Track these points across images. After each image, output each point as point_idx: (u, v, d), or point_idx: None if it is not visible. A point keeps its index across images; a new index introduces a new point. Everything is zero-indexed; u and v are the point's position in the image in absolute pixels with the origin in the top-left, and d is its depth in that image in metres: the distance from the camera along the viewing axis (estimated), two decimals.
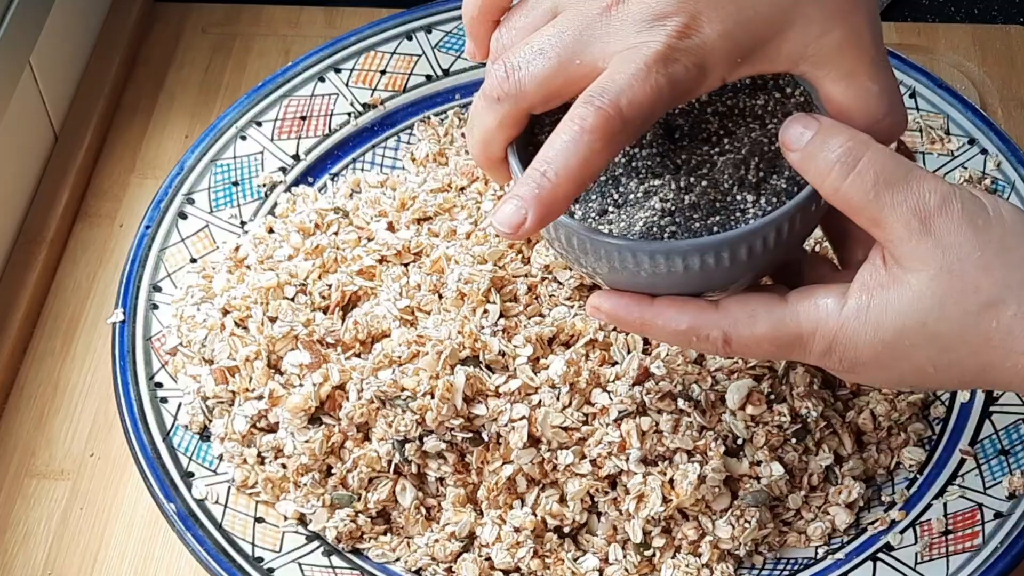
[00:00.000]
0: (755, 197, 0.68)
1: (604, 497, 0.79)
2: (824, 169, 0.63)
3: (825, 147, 0.63)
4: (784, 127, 0.65)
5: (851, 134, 0.64)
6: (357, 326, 0.83)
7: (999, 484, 0.80)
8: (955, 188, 0.63)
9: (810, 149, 0.64)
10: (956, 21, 1.11)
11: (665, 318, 0.68)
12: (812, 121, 0.64)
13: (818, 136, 0.64)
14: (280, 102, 0.97)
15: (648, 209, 0.68)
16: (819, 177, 0.64)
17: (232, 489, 0.81)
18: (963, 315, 0.62)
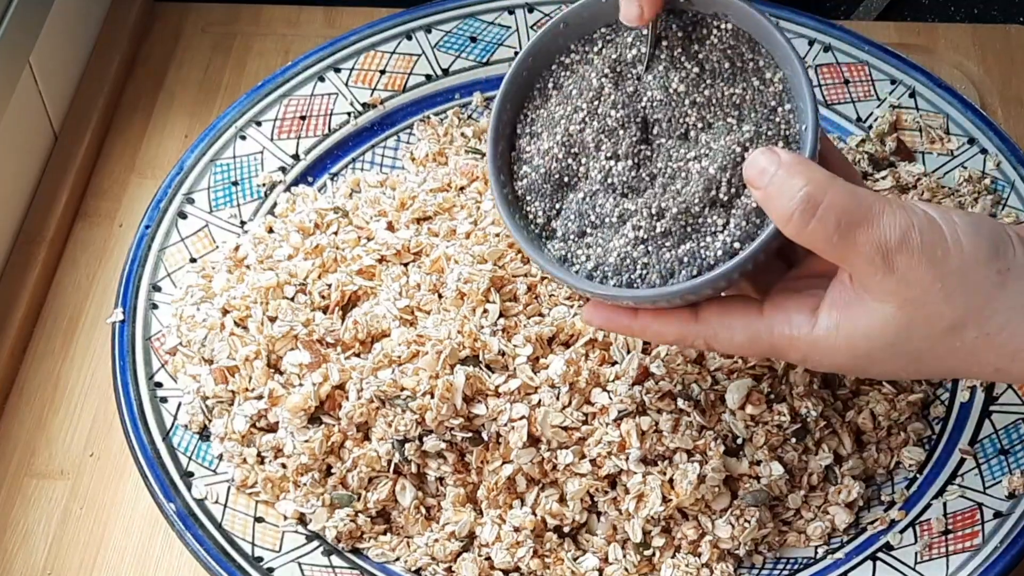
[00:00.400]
0: (725, 220, 0.69)
1: (604, 497, 0.79)
2: (785, 213, 0.65)
3: (786, 190, 0.65)
4: (748, 162, 0.66)
5: (810, 176, 0.65)
6: (357, 326, 0.83)
7: (999, 484, 0.80)
8: (913, 218, 0.64)
9: (771, 191, 0.65)
10: (956, 21, 1.11)
11: (651, 331, 0.72)
12: (774, 157, 0.66)
13: (778, 176, 0.65)
14: (280, 102, 0.97)
15: (622, 237, 0.71)
16: (782, 220, 0.65)
17: (232, 489, 0.81)
18: (929, 337, 0.65)
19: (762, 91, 0.72)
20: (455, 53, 1.00)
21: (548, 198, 0.74)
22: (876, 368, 0.68)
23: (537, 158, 0.74)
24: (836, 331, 0.67)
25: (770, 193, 0.65)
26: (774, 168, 0.65)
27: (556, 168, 0.74)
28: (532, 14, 1.01)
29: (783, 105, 0.71)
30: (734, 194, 0.69)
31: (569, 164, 0.73)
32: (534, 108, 0.76)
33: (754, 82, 0.72)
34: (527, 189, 0.74)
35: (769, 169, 0.65)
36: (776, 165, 0.65)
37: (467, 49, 1.00)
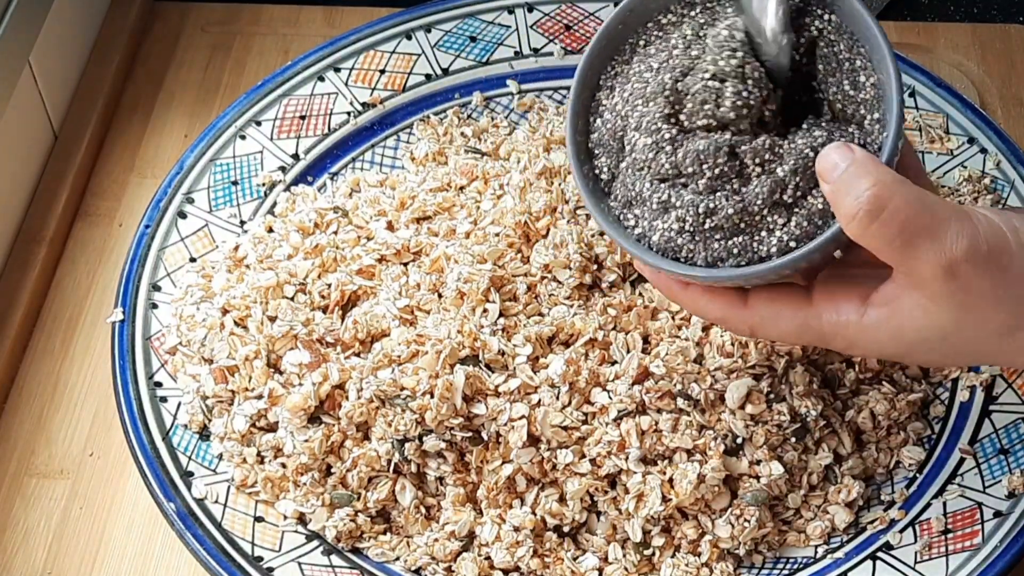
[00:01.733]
0: (786, 219, 0.69)
1: (604, 496, 0.79)
2: (851, 211, 0.64)
3: (854, 187, 0.64)
4: (822, 155, 0.66)
5: (879, 176, 0.64)
6: (357, 325, 0.83)
7: (998, 483, 0.80)
8: (979, 227, 0.64)
9: (840, 186, 0.65)
10: (956, 20, 1.11)
11: (697, 306, 0.72)
12: (848, 153, 0.65)
13: (848, 173, 0.65)
14: (279, 101, 0.97)
15: (666, 223, 0.70)
16: (845, 218, 0.65)
17: (232, 488, 0.81)
18: (978, 338, 0.66)
19: (852, 96, 0.70)
20: (455, 53, 1.00)
21: (614, 155, 0.73)
22: (920, 357, 0.69)
23: (608, 113, 0.73)
24: (885, 323, 0.67)
25: (838, 189, 0.65)
26: (845, 164, 0.65)
27: (620, 127, 0.73)
28: (532, 14, 1.01)
29: (871, 114, 0.70)
30: (800, 196, 0.68)
31: (625, 128, 0.73)
32: (620, 62, 0.75)
33: (845, 86, 0.70)
34: (596, 142, 0.74)
35: (840, 165, 0.65)
36: (848, 161, 0.65)
37: (467, 49, 1.00)
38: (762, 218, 0.69)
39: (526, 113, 0.99)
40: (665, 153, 0.70)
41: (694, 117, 0.70)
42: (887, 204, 0.63)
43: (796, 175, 0.68)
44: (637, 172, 0.71)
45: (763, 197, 0.68)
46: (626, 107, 0.72)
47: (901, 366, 0.85)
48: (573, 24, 1.01)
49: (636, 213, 0.71)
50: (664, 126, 0.70)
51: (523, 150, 0.92)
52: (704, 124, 0.70)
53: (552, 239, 0.84)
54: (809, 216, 0.68)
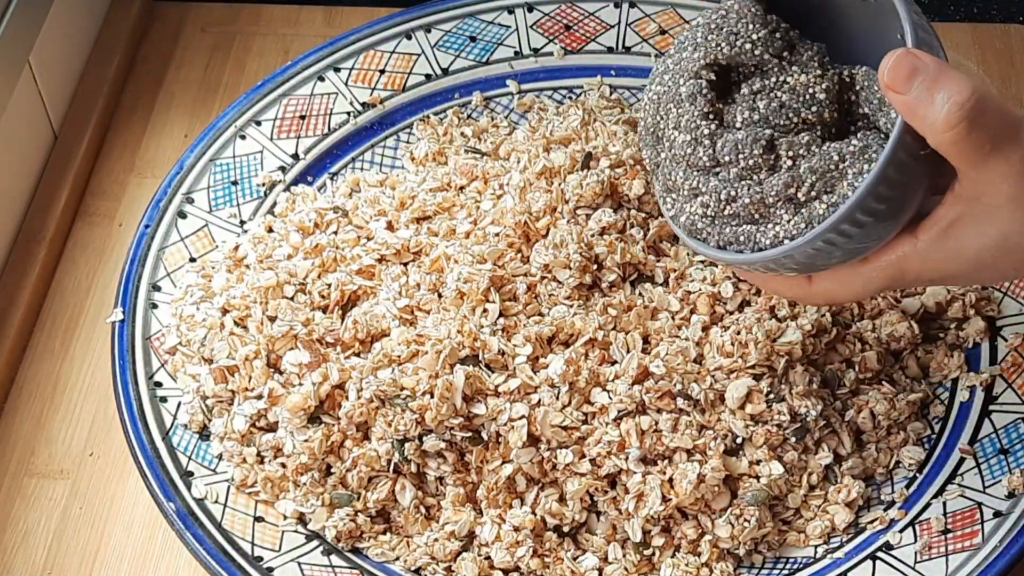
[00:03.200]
0: (791, 216, 0.69)
1: (603, 496, 0.79)
2: (950, 118, 0.62)
3: (939, 94, 0.62)
4: (891, 63, 0.64)
5: (970, 81, 0.62)
6: (356, 325, 0.83)
7: (998, 483, 0.80)
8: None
9: (923, 94, 0.63)
10: (955, 20, 1.11)
11: (769, 286, 0.75)
12: (920, 62, 0.63)
13: (931, 80, 0.63)
14: (279, 101, 0.97)
15: (693, 206, 0.72)
16: (943, 125, 0.62)
17: (231, 488, 0.81)
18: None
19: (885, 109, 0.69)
20: (455, 53, 1.00)
21: (651, 148, 0.75)
22: (985, 274, 0.67)
23: (646, 101, 0.75)
24: (942, 245, 0.66)
25: (921, 98, 0.63)
26: (923, 73, 0.63)
27: (651, 121, 0.75)
28: (532, 13, 1.01)
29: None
30: (813, 197, 0.68)
31: (657, 122, 0.74)
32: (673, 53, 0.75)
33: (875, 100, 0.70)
34: (640, 134, 0.77)
35: (920, 72, 0.63)
36: (924, 69, 0.63)
37: (467, 49, 1.00)
38: (774, 211, 0.69)
39: (526, 113, 0.99)
40: (703, 147, 0.71)
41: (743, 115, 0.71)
42: (986, 109, 0.62)
43: (814, 174, 0.68)
44: (675, 164, 0.73)
45: (778, 189, 0.69)
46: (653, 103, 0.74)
47: (901, 366, 0.85)
48: (573, 24, 1.01)
49: (672, 198, 0.74)
50: (703, 123, 0.72)
51: (523, 150, 0.92)
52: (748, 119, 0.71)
53: (552, 239, 0.84)
54: (809, 218, 0.68)
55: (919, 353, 0.86)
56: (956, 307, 0.86)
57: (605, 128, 0.93)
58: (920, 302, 0.87)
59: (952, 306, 0.86)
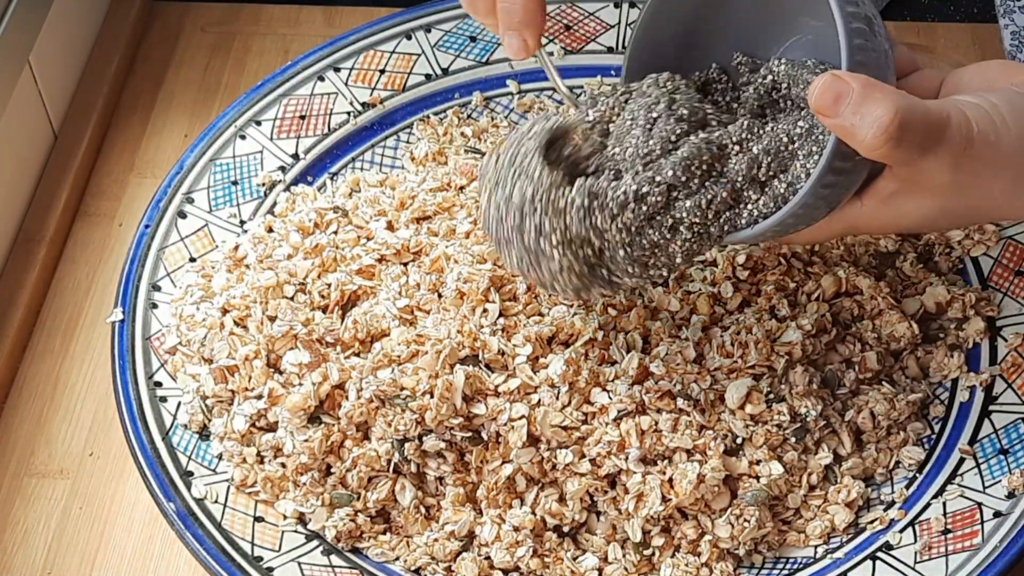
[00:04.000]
0: (759, 195, 0.73)
1: (603, 496, 0.79)
2: (874, 141, 0.66)
3: (868, 116, 0.66)
4: (818, 90, 0.67)
5: (895, 101, 0.66)
6: (356, 325, 0.83)
7: (998, 483, 0.80)
8: (969, 114, 0.68)
9: (849, 119, 0.66)
10: (956, 20, 1.11)
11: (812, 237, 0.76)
12: (845, 85, 0.66)
13: (856, 103, 0.66)
14: (279, 101, 0.97)
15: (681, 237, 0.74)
16: (868, 147, 0.66)
17: (231, 488, 0.81)
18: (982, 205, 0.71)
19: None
20: (455, 53, 1.00)
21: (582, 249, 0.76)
22: (926, 228, 0.74)
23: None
24: (884, 211, 0.71)
25: (848, 121, 0.66)
26: (848, 95, 0.66)
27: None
28: None
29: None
30: (770, 176, 0.72)
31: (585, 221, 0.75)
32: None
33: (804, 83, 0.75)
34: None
35: (845, 96, 0.66)
36: (850, 92, 0.66)
37: (467, 49, 1.00)
38: (744, 193, 0.73)
39: (526, 113, 0.99)
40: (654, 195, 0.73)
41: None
42: (909, 126, 0.66)
43: (768, 155, 0.72)
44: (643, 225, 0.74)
45: (743, 172, 0.73)
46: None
47: (901, 366, 0.85)
48: (573, 24, 1.01)
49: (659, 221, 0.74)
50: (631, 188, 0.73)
51: None
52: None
53: None
54: (773, 197, 0.72)
55: (919, 353, 0.86)
56: (956, 307, 0.86)
57: None
58: (920, 302, 0.87)
59: (952, 306, 0.87)
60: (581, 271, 0.74)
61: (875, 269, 0.88)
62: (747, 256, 0.85)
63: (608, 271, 0.74)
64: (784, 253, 0.86)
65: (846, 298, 0.86)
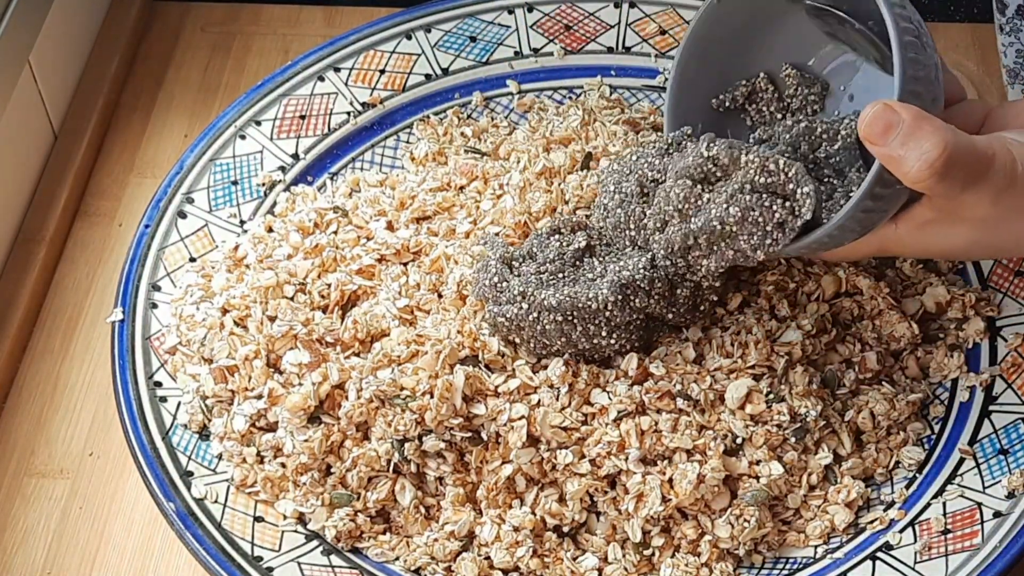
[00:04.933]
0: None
1: (603, 497, 0.79)
2: (920, 174, 0.68)
3: (915, 149, 0.68)
4: (868, 122, 0.69)
5: (943, 137, 0.68)
6: (356, 325, 0.83)
7: (998, 483, 0.80)
8: (1014, 152, 0.70)
9: (897, 150, 0.68)
10: (956, 20, 1.11)
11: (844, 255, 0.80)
12: (896, 116, 0.68)
13: (906, 135, 0.68)
14: (279, 101, 0.97)
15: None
16: (912, 179, 0.69)
17: (231, 488, 0.81)
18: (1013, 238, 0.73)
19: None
20: (455, 53, 1.00)
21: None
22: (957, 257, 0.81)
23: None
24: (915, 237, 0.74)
25: (896, 153, 0.68)
26: (897, 125, 0.68)
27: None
28: (532, 14, 1.01)
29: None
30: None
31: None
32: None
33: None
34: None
35: (895, 128, 0.68)
36: (899, 123, 0.68)
37: (467, 49, 1.00)
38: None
39: (526, 113, 0.99)
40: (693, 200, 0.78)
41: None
42: (956, 162, 0.68)
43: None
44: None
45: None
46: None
47: (901, 366, 0.85)
48: (573, 24, 1.01)
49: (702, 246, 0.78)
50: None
51: (523, 150, 0.92)
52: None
53: None
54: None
55: (919, 353, 0.86)
56: (956, 307, 0.86)
57: (605, 128, 0.93)
58: (920, 302, 0.87)
59: (952, 306, 0.86)
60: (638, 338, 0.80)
61: (875, 269, 0.88)
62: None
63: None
64: None
65: (846, 298, 0.86)
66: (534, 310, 0.79)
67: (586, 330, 0.79)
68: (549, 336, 0.79)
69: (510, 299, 0.80)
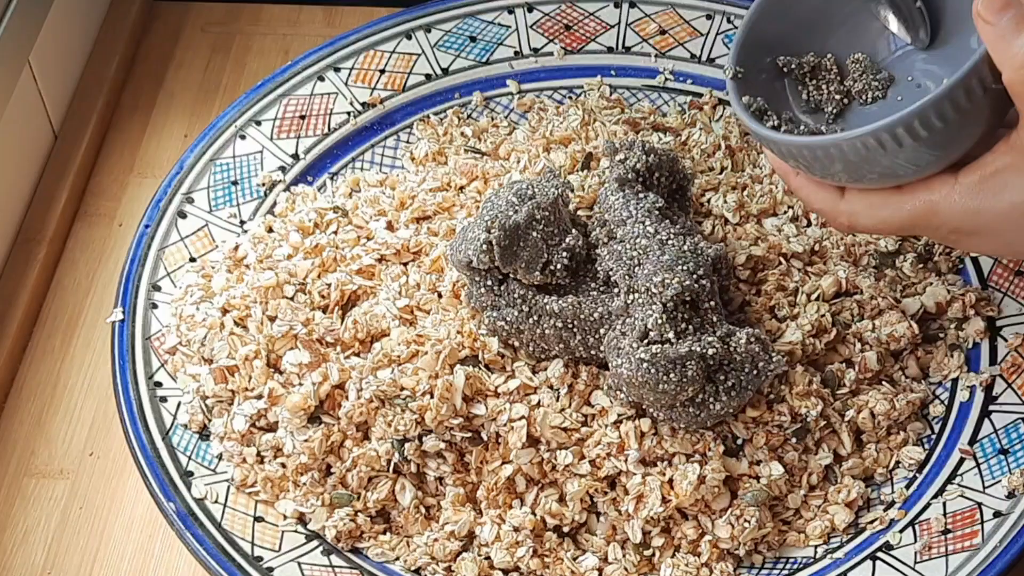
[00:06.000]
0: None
1: (603, 497, 0.79)
2: (1018, 58, 0.64)
3: (1022, 36, 0.64)
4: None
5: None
6: (356, 325, 0.83)
7: (998, 483, 0.80)
8: None
9: (1008, 30, 0.64)
10: None
11: (803, 192, 0.76)
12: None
13: (1017, 18, 0.64)
14: (279, 101, 0.97)
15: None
16: (1013, 61, 0.64)
17: (231, 488, 0.81)
18: None
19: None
20: (455, 53, 1.00)
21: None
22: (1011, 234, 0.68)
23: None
24: (978, 188, 0.67)
25: (1004, 33, 0.64)
26: (1018, 8, 0.64)
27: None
28: (532, 13, 1.01)
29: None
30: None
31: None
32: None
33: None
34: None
35: (1013, 7, 0.64)
36: (1020, 6, 0.64)
37: (467, 49, 1.00)
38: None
39: (526, 113, 0.99)
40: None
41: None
42: None
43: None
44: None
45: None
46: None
47: (901, 366, 0.85)
48: (573, 24, 1.01)
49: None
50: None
51: (523, 150, 0.92)
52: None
53: None
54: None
55: (919, 353, 0.86)
56: (956, 307, 0.86)
57: (605, 128, 0.93)
58: (920, 302, 0.87)
59: (952, 306, 0.86)
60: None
61: (875, 269, 0.88)
62: (747, 256, 0.85)
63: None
64: (784, 253, 0.86)
65: (846, 298, 0.86)
66: (535, 313, 0.79)
67: (585, 340, 0.79)
68: (548, 341, 0.79)
69: (510, 302, 0.80)
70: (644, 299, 0.78)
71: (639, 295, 0.78)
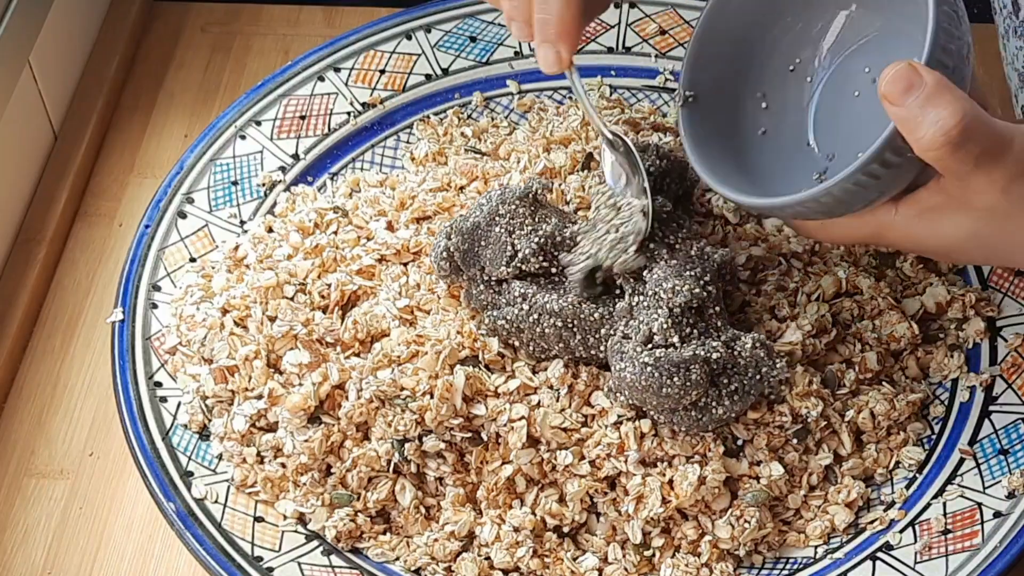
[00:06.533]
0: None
1: (603, 497, 0.79)
2: (933, 141, 0.65)
3: (930, 115, 0.65)
4: (889, 79, 0.66)
5: (963, 107, 0.65)
6: (356, 325, 0.83)
7: (998, 483, 0.80)
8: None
9: (915, 113, 0.65)
10: None
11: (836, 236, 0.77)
12: (919, 78, 0.65)
13: (925, 99, 0.65)
14: (279, 101, 0.97)
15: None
16: (925, 145, 0.65)
17: (231, 488, 0.81)
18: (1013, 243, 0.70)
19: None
20: (455, 53, 1.00)
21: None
22: (955, 255, 0.75)
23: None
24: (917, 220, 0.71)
25: (912, 115, 0.65)
26: (919, 88, 0.65)
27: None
28: None
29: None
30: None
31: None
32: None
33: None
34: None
35: (916, 89, 0.65)
36: (922, 86, 0.65)
37: (467, 49, 1.00)
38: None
39: (526, 113, 0.99)
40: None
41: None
42: (972, 135, 0.65)
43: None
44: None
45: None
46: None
47: (901, 366, 0.85)
48: None
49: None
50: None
51: (523, 150, 0.92)
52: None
53: None
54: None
55: (919, 353, 0.86)
56: (956, 307, 0.86)
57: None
58: (920, 302, 0.87)
59: (952, 306, 0.86)
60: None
61: (875, 269, 0.88)
62: (747, 256, 0.85)
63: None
64: (784, 253, 0.86)
65: (846, 298, 0.86)
66: (535, 312, 0.79)
67: (585, 339, 0.79)
68: (548, 340, 0.79)
69: (510, 301, 0.80)
70: (650, 302, 0.78)
71: (644, 298, 0.78)
